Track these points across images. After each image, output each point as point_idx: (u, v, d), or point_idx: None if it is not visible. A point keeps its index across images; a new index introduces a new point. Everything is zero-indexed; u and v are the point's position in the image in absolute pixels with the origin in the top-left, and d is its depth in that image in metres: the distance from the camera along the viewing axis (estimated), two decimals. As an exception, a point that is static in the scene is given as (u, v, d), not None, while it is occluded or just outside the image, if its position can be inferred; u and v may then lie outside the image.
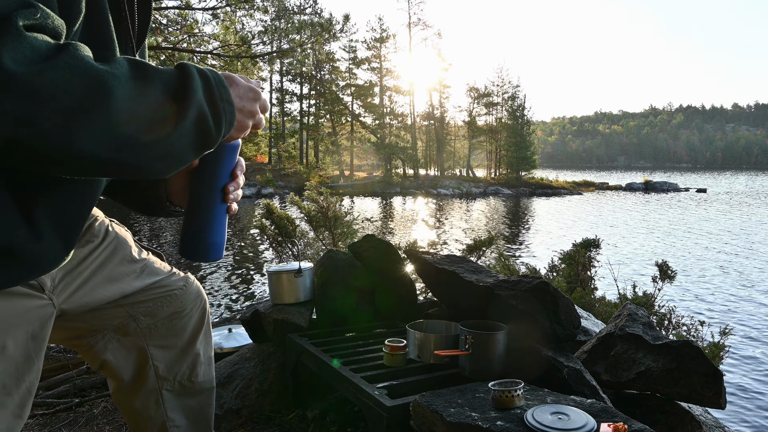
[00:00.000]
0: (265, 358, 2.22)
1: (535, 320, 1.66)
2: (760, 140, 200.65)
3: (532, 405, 1.24)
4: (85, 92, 0.59)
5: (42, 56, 0.58)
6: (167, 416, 1.27)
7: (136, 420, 1.29)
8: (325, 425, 1.89)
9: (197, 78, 0.69)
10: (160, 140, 0.66)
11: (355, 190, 32.87)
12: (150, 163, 0.68)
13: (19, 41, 0.56)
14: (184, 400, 1.30)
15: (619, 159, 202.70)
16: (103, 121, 0.61)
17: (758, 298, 7.89)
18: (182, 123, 0.67)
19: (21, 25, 0.58)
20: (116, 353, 1.20)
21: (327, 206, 4.28)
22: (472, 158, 48.15)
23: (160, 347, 1.23)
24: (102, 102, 0.60)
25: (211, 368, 1.35)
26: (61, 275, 0.98)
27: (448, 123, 47.37)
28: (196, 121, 0.68)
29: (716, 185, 49.90)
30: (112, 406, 2.29)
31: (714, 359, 3.16)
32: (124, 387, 1.24)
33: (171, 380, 1.26)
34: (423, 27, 43.22)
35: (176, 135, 0.67)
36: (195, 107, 0.68)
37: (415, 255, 2.22)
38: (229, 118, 0.73)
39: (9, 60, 0.55)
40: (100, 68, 0.61)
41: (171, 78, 0.67)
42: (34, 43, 0.58)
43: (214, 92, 0.70)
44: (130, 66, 0.64)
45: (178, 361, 1.26)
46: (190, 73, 0.69)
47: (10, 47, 0.56)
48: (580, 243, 4.43)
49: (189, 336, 1.27)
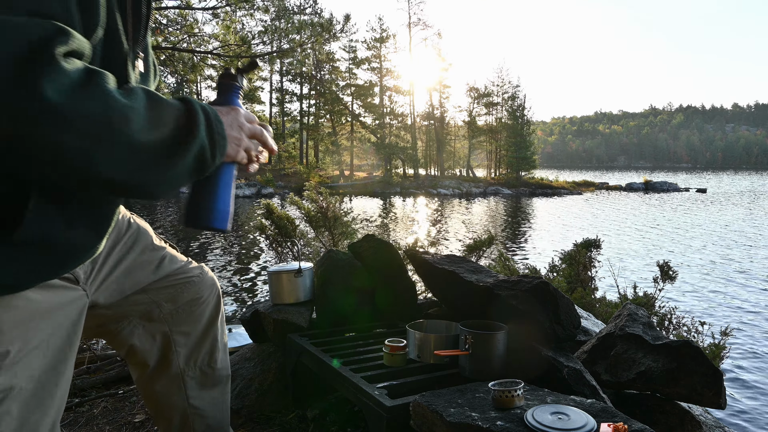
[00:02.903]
0: (265, 358, 2.22)
1: (535, 320, 1.66)
2: (760, 140, 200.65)
3: (532, 405, 1.24)
4: (108, 123, 0.65)
5: (76, 86, 0.62)
6: (189, 403, 1.33)
7: (158, 407, 1.34)
8: (325, 425, 1.89)
9: (201, 115, 0.77)
10: (166, 168, 0.73)
11: (355, 190, 32.88)
12: (153, 188, 0.74)
13: (57, 71, 0.60)
14: (205, 387, 1.35)
15: (619, 159, 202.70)
16: (120, 149, 0.67)
17: (758, 298, 7.89)
18: (187, 155, 0.75)
19: (59, 54, 0.61)
20: (142, 339, 1.26)
21: (327, 206, 4.28)
22: (472, 158, 48.17)
23: (181, 333, 1.29)
24: (121, 133, 0.66)
25: (226, 356, 1.41)
26: (90, 266, 1.02)
27: (448, 123, 47.37)
28: (197, 154, 0.76)
29: (716, 185, 49.90)
30: (112, 406, 2.29)
31: (714, 359, 3.16)
32: (148, 373, 1.30)
33: (192, 366, 1.32)
34: (423, 27, 43.22)
35: (180, 164, 0.74)
36: (198, 142, 0.76)
37: (415, 255, 2.22)
38: (222, 150, 0.82)
39: (50, 90, 0.59)
40: (123, 101, 0.67)
41: (180, 114, 0.74)
42: (70, 73, 0.62)
43: (213, 128, 0.79)
44: (146, 99, 0.71)
45: (198, 346, 1.32)
46: (195, 110, 0.76)
47: (49, 78, 0.59)
48: (580, 243, 4.43)
49: (207, 322, 1.33)
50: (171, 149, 0.72)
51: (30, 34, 0.59)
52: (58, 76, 0.60)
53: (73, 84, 0.62)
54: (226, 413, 1.43)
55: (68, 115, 0.61)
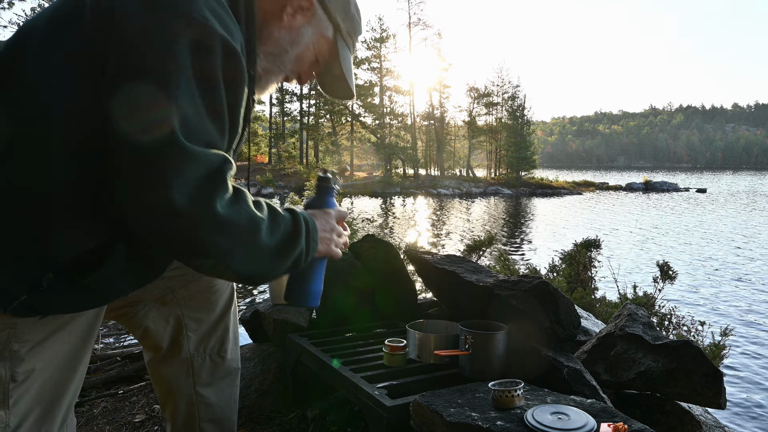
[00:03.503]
0: (265, 358, 2.22)
1: (535, 320, 1.66)
2: (760, 140, 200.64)
3: (532, 405, 1.24)
4: (248, 230, 0.84)
5: (232, 201, 0.82)
6: (196, 390, 1.35)
7: (165, 390, 1.37)
8: (325, 425, 1.89)
9: (303, 226, 0.96)
10: (275, 266, 0.91)
11: (355, 190, 32.86)
12: (259, 279, 0.92)
13: (224, 189, 0.81)
14: (213, 376, 1.37)
15: (619, 159, 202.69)
16: (250, 250, 0.85)
17: (759, 298, 7.89)
18: (290, 257, 0.93)
19: (228, 177, 0.82)
20: (156, 321, 1.30)
21: (327, 206, 4.27)
22: (472, 158, 48.15)
23: (193, 319, 1.33)
24: (254, 238, 0.85)
25: (237, 348, 1.43)
26: None
27: (448, 123, 47.35)
28: (296, 256, 0.94)
29: (716, 185, 49.90)
30: (112, 406, 2.29)
31: (714, 359, 3.16)
32: (160, 356, 1.34)
33: (202, 353, 1.35)
34: (423, 27, 43.20)
35: (284, 263, 0.93)
36: (299, 248, 0.94)
37: (415, 255, 2.22)
38: (313, 253, 1.00)
39: (218, 205, 0.79)
40: (258, 214, 0.86)
41: (288, 224, 0.93)
42: (230, 190, 0.82)
43: (310, 236, 0.98)
44: (268, 210, 0.90)
45: (209, 334, 1.35)
46: (299, 221, 0.95)
47: (220, 195, 0.79)
48: (580, 243, 4.43)
49: (220, 312, 1.36)
50: (281, 252, 0.91)
51: (212, 162, 0.79)
52: (225, 193, 0.81)
53: (231, 199, 0.82)
54: (234, 407, 1.44)
55: (225, 222, 0.79)
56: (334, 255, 1.10)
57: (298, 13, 1.04)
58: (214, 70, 0.80)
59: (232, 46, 0.82)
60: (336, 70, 1.14)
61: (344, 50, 1.13)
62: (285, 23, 1.03)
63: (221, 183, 0.80)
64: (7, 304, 0.85)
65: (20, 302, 0.85)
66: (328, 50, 1.11)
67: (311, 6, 1.05)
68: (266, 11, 1.01)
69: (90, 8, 0.81)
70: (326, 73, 1.16)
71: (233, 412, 1.44)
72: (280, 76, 1.11)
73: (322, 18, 1.07)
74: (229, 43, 0.82)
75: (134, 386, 2.47)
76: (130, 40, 0.77)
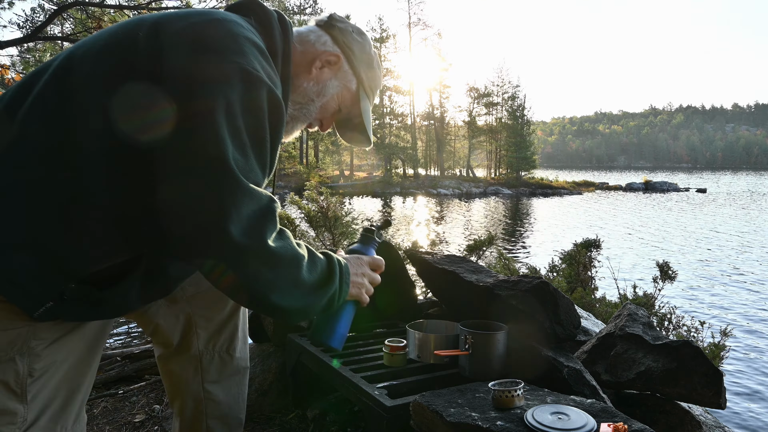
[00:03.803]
0: (265, 358, 2.22)
1: (535, 320, 1.66)
2: (760, 140, 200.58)
3: (532, 405, 1.24)
4: (290, 263, 0.92)
5: (277, 235, 0.90)
6: (204, 387, 1.36)
7: (174, 386, 1.38)
8: (325, 425, 1.89)
9: (337, 267, 1.03)
10: (310, 302, 0.98)
11: (355, 190, 32.87)
12: (296, 314, 0.97)
13: (274, 225, 0.89)
14: (222, 374, 1.38)
15: (619, 159, 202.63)
16: (290, 283, 0.92)
17: (758, 298, 7.89)
18: (325, 295, 1.00)
19: (276, 214, 0.90)
20: (166, 318, 1.32)
21: (327, 206, 4.27)
22: (472, 158, 48.15)
23: (203, 317, 1.34)
24: (294, 271, 0.92)
25: (246, 347, 1.45)
26: None
27: (448, 123, 47.35)
28: (330, 296, 1.01)
29: (716, 185, 49.90)
30: (112, 406, 2.29)
31: (714, 359, 3.16)
32: (170, 352, 1.36)
33: (211, 350, 1.36)
34: (423, 27, 43.25)
35: (318, 301, 1.00)
36: (333, 287, 1.01)
37: (415, 255, 2.22)
38: (345, 295, 1.07)
39: (269, 239, 0.87)
40: (299, 250, 0.95)
41: (324, 264, 1.01)
42: (279, 227, 0.91)
43: (343, 278, 1.05)
44: (307, 249, 0.97)
45: (219, 332, 1.37)
46: (334, 263, 1.03)
47: (270, 230, 0.88)
48: (580, 243, 4.43)
49: (229, 310, 1.37)
50: (317, 290, 0.98)
51: (263, 199, 0.87)
52: (275, 229, 0.89)
53: (276, 233, 0.90)
54: (242, 405, 1.45)
55: (273, 256, 0.88)
56: (364, 300, 1.18)
57: (325, 67, 1.13)
58: (262, 117, 0.88)
59: (277, 96, 0.90)
60: (356, 119, 1.22)
61: (365, 102, 1.21)
62: (313, 75, 1.12)
63: (272, 219, 0.89)
64: (34, 310, 0.89)
65: (46, 309, 0.90)
66: (350, 101, 1.19)
67: (338, 61, 1.14)
68: (297, 64, 1.10)
69: (141, 45, 0.87)
70: (346, 121, 1.24)
71: (241, 410, 1.45)
72: (305, 123, 1.18)
73: (347, 72, 1.16)
74: (274, 92, 0.89)
75: (134, 386, 2.47)
76: (182, 81, 0.83)
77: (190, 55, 0.85)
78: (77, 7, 6.12)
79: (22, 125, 0.86)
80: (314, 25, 1.18)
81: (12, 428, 0.89)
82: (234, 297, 0.95)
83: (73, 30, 7.24)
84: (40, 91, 0.88)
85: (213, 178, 0.81)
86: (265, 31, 1.01)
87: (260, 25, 1.02)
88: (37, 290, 0.88)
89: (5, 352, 0.89)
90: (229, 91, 0.83)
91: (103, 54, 0.89)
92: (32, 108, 0.87)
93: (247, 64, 0.86)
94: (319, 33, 1.15)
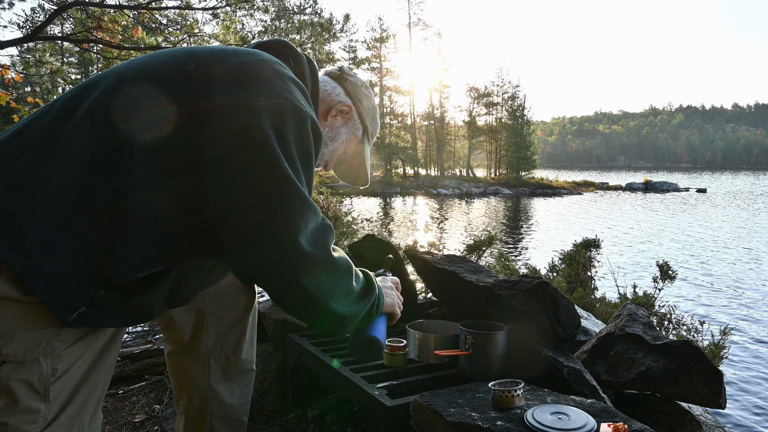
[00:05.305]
0: (265, 358, 2.22)
1: (535, 320, 1.66)
2: (760, 140, 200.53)
3: (532, 405, 1.24)
4: (345, 274, 1.07)
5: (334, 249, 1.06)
6: (210, 386, 1.39)
7: (181, 383, 1.41)
8: (325, 425, 1.89)
9: (373, 279, 1.21)
10: (359, 309, 1.12)
11: (355, 190, 32.84)
12: (349, 320, 1.10)
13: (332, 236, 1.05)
14: (228, 374, 1.40)
15: (619, 159, 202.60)
16: (345, 292, 1.07)
17: (759, 298, 7.89)
18: (368, 302, 1.16)
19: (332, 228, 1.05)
20: (180, 313, 1.35)
21: (327, 206, 4.27)
22: (472, 158, 48.15)
23: (214, 315, 1.38)
24: (348, 282, 1.08)
25: (252, 350, 1.47)
26: None
27: (448, 123, 47.36)
28: (372, 305, 1.17)
29: (716, 185, 49.91)
30: (112, 406, 2.29)
31: (714, 359, 3.16)
32: (180, 348, 1.38)
33: (219, 350, 1.39)
34: (423, 27, 43.26)
35: (364, 308, 1.14)
36: (374, 295, 1.18)
37: (415, 255, 2.22)
38: (382, 306, 1.25)
39: (331, 250, 1.03)
40: (350, 261, 1.10)
41: (362, 275, 1.17)
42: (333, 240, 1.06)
43: (380, 290, 1.23)
44: (352, 262, 1.12)
45: (227, 333, 1.39)
46: (371, 276, 1.21)
47: (331, 241, 1.04)
48: (580, 243, 4.43)
49: (240, 312, 1.40)
50: (362, 297, 1.13)
51: (320, 214, 1.02)
52: (332, 240, 1.04)
53: (332, 245, 1.04)
54: (245, 407, 1.47)
55: (333, 265, 1.02)
56: (396, 312, 1.35)
57: (339, 116, 1.29)
58: (309, 145, 1.00)
59: (318, 127, 1.03)
60: (356, 160, 1.39)
61: (367, 147, 1.38)
62: (328, 122, 1.28)
63: (331, 232, 1.03)
64: (67, 315, 0.93)
65: (78, 314, 0.93)
66: (355, 146, 1.35)
67: (350, 111, 1.30)
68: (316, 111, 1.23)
69: (193, 77, 0.95)
70: (347, 163, 1.40)
71: (245, 412, 1.46)
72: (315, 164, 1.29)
73: (356, 121, 1.32)
74: (316, 123, 1.03)
75: (134, 386, 2.48)
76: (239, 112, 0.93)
77: (245, 89, 0.95)
78: (77, 7, 6.11)
79: (72, 137, 0.91)
80: (326, 76, 1.31)
81: (33, 427, 0.92)
82: (291, 305, 1.04)
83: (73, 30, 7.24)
84: (90, 106, 0.93)
85: (283, 195, 0.93)
86: (300, 74, 1.15)
87: (296, 67, 1.15)
88: (73, 296, 0.91)
89: (30, 352, 0.91)
90: (282, 123, 0.94)
91: (152, 80, 0.96)
92: (81, 122, 0.92)
93: (295, 101, 0.98)
94: (333, 84, 1.29)
